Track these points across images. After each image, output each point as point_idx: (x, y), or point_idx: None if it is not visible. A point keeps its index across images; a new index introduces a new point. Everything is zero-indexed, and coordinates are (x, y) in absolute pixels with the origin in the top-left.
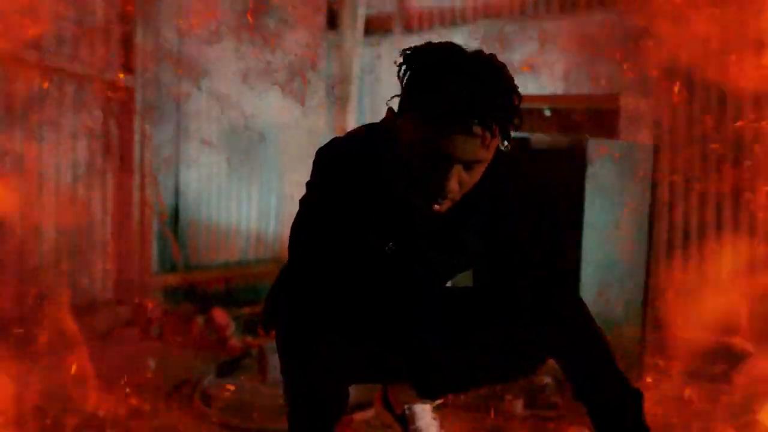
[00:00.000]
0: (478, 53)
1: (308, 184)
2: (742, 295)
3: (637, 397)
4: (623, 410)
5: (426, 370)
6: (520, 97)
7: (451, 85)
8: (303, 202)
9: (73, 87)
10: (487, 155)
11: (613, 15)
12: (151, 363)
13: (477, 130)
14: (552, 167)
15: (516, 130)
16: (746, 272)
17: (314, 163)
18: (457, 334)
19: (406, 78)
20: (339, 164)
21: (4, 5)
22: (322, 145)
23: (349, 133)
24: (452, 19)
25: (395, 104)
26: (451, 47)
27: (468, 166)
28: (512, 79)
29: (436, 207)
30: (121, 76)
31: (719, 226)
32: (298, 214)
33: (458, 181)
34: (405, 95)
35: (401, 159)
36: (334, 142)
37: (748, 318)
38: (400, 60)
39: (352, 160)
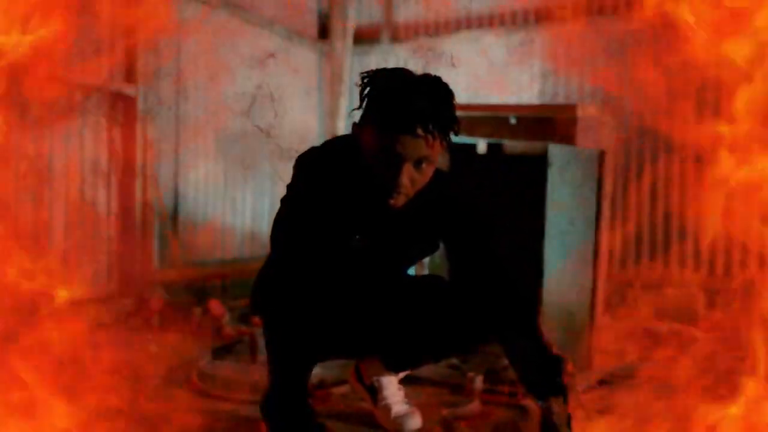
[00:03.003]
0: (425, 75)
1: (289, 186)
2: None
3: (558, 361)
4: (547, 370)
5: (390, 345)
6: (454, 110)
7: (400, 99)
8: (284, 201)
9: (81, 96)
10: (432, 154)
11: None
12: (153, 348)
13: (420, 132)
14: (522, 169)
15: (456, 135)
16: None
17: (294, 167)
18: (417, 314)
19: (366, 95)
20: (314, 169)
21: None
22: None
23: (324, 143)
24: (435, 29)
25: (357, 118)
26: (402, 71)
27: (417, 164)
28: (452, 96)
29: (392, 201)
30: (125, 85)
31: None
32: (279, 211)
33: (409, 178)
34: (365, 109)
35: (364, 162)
36: (311, 150)
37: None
38: (361, 81)
39: (325, 165)
